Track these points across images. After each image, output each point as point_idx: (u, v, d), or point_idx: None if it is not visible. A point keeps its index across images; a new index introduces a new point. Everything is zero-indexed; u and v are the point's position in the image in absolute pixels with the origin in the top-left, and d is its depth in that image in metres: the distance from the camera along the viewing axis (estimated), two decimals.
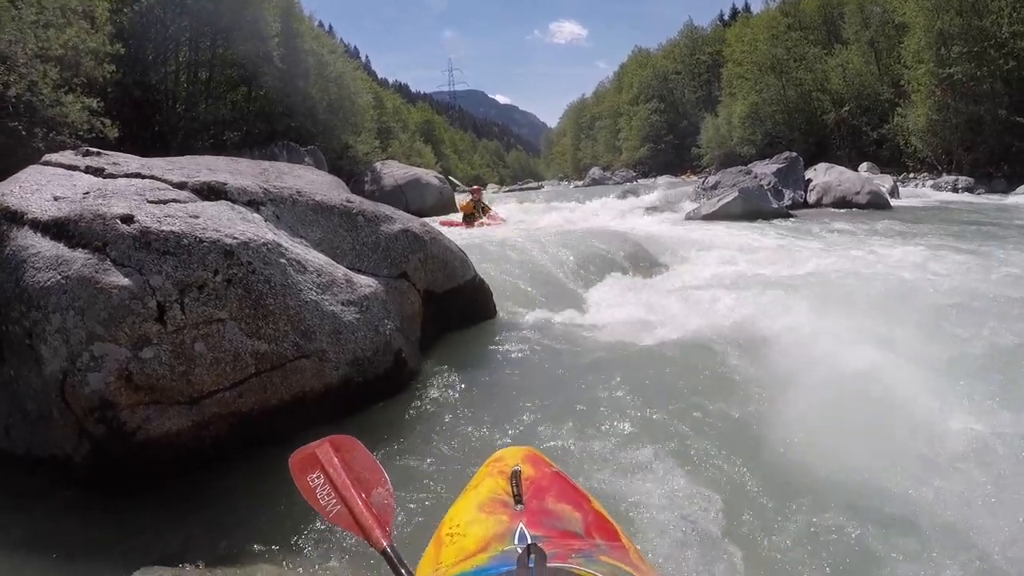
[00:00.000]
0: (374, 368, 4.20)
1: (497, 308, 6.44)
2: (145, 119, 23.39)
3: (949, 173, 31.80)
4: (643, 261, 9.57)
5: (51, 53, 16.56)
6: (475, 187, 8.17)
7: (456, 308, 5.73)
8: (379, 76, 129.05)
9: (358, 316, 4.13)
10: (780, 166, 21.86)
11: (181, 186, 4.12)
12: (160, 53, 24.50)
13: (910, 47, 34.77)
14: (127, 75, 21.68)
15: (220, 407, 3.52)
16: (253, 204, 4.29)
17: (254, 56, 25.66)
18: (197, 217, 3.70)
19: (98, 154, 4.58)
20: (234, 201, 4.18)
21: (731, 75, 55.58)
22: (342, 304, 4.07)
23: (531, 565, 1.30)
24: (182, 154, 11.64)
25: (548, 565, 1.32)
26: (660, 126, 71.41)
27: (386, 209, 5.31)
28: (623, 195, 23.71)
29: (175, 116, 24.43)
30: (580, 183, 58.34)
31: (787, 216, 17.77)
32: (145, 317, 3.30)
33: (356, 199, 5.08)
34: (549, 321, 6.28)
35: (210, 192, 4.16)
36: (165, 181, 4.14)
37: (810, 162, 24.11)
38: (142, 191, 3.87)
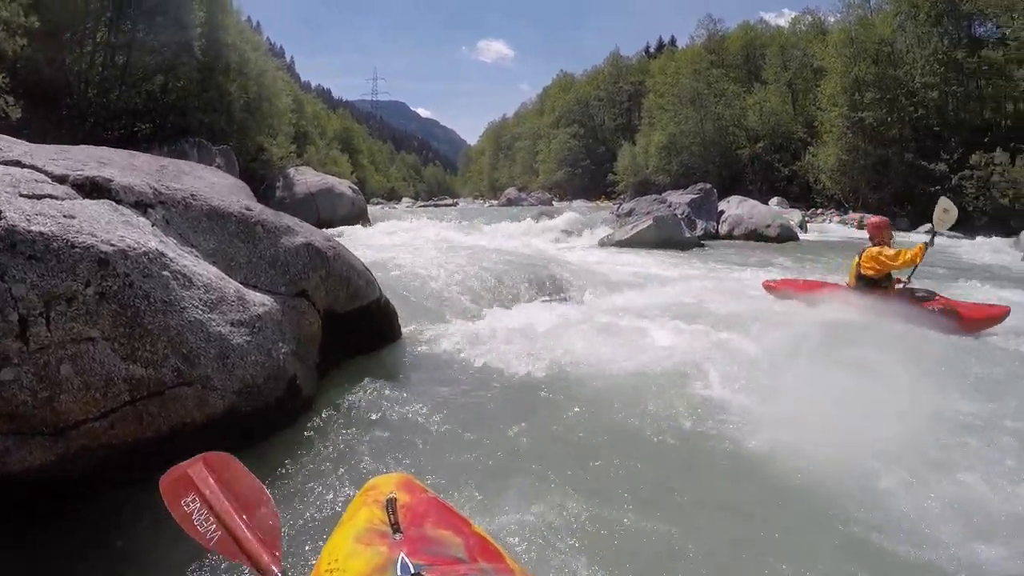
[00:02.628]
0: (265, 396, 3.83)
1: (402, 330, 6.15)
2: (54, 101, 22.02)
3: (855, 210, 33.43)
4: (553, 286, 9.41)
5: None
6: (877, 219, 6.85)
7: (359, 330, 5.39)
8: (302, 79, 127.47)
9: (248, 338, 3.74)
10: (694, 196, 22.35)
11: (62, 180, 3.68)
12: (77, 31, 23.05)
13: (826, 91, 36.63)
14: (39, 51, 20.44)
15: (89, 439, 3.08)
16: (140, 206, 3.88)
17: (174, 44, 24.44)
18: (72, 217, 3.24)
19: None
20: (119, 201, 3.76)
21: (652, 105, 56.95)
22: (231, 325, 3.67)
23: None
24: (88, 143, 10.92)
25: None
26: (578, 151, 72.06)
27: (289, 220, 4.93)
28: (537, 217, 23.71)
29: (86, 101, 23.14)
30: (495, 203, 58.36)
31: (699, 246, 18.26)
32: (5, 332, 2.83)
33: (257, 207, 4.68)
34: (453, 345, 6.06)
35: (93, 189, 3.74)
36: (46, 173, 3.68)
37: (724, 194, 24.97)
38: (17, 182, 3.39)
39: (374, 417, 4.21)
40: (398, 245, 12.26)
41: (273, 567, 1.56)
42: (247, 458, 3.53)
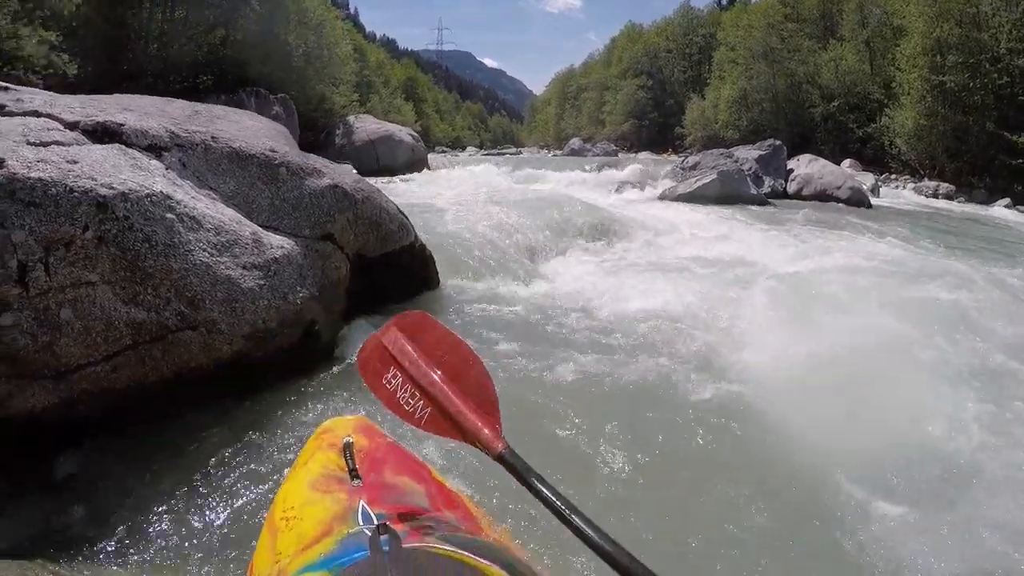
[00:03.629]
0: (278, 342, 3.75)
1: (440, 278, 6.00)
2: (114, 57, 22.34)
3: (931, 178, 32.01)
4: (604, 236, 9.25)
5: None
6: None
7: (392, 276, 5.24)
8: (367, 30, 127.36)
9: (262, 282, 3.63)
10: (763, 153, 21.68)
11: (73, 126, 3.58)
12: None
13: (905, 51, 34.87)
14: (96, 9, 20.72)
15: (90, 383, 3.04)
16: (154, 149, 3.76)
17: None
18: (75, 162, 3.17)
19: (4, 89, 4.03)
20: (129, 144, 3.65)
21: (722, 59, 55.31)
22: (243, 268, 3.56)
23: (385, 548, 1.25)
24: (151, 94, 10.94)
25: (403, 547, 1.26)
26: (646, 103, 70.59)
27: (316, 162, 4.78)
28: (599, 168, 23.30)
29: (146, 56, 23.33)
30: (560, 152, 57.50)
31: (764, 204, 17.66)
32: (4, 278, 2.80)
33: (282, 149, 4.51)
34: (494, 294, 5.96)
35: (104, 133, 3.63)
36: (59, 120, 3.60)
37: (793, 153, 23.95)
38: (28, 132, 3.33)
39: None
40: (451, 192, 12.12)
41: (496, 444, 1.42)
42: (257, 402, 3.51)
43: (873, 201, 21.21)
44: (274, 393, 3.67)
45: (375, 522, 1.42)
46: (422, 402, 1.57)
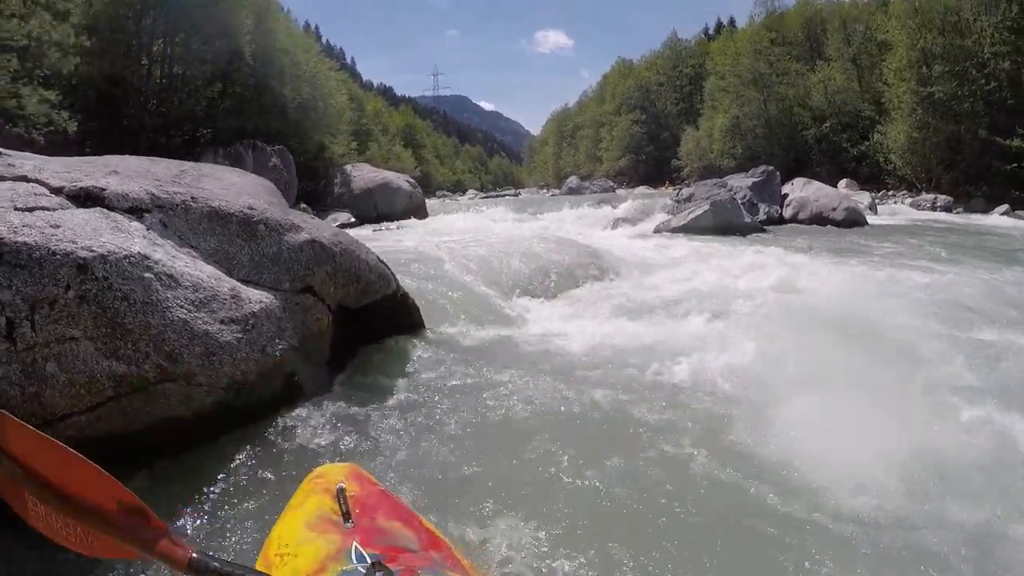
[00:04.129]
0: (258, 392, 3.89)
1: (427, 323, 6.13)
2: (114, 114, 22.82)
3: (928, 191, 32.14)
4: (596, 276, 9.32)
5: (12, 43, 16.17)
6: None
7: (375, 325, 5.41)
8: (364, 78, 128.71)
9: (240, 335, 3.78)
10: (756, 180, 21.64)
11: (58, 191, 3.78)
12: (132, 46, 23.88)
13: (892, 65, 35.27)
14: (95, 67, 21.21)
15: (76, 431, 3.19)
16: (135, 211, 3.94)
17: (226, 52, 25.14)
18: (58, 227, 3.36)
19: None
20: (111, 208, 3.84)
21: (713, 88, 55.98)
22: (221, 322, 3.72)
23: None
24: (148, 152, 11.22)
25: None
26: (641, 137, 71.36)
27: (295, 217, 4.93)
28: (597, 204, 23.57)
29: (145, 112, 23.85)
30: (558, 191, 57.93)
31: (760, 231, 17.73)
32: None
33: (261, 206, 4.67)
34: (479, 340, 6.01)
35: (87, 198, 3.82)
36: (46, 185, 3.80)
37: (790, 176, 24.05)
38: (16, 197, 3.53)
39: (373, 412, 4.17)
40: (444, 239, 12.27)
41: (178, 550, 1.39)
42: (230, 443, 3.65)
43: (870, 219, 21.30)
44: (251, 433, 3.79)
45: (368, 560, 1.50)
46: (70, 522, 1.51)
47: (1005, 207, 26.02)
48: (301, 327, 4.41)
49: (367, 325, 5.33)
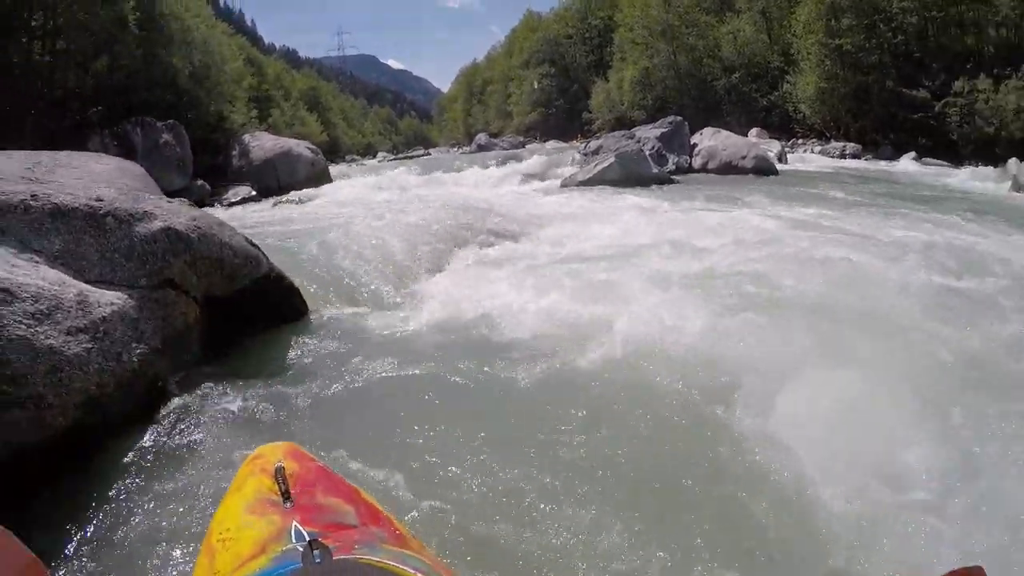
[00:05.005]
0: (118, 404, 3.59)
1: (312, 305, 5.85)
2: None
3: (837, 140, 33.01)
4: (498, 238, 9.12)
5: None
6: None
7: (253, 312, 5.10)
8: (265, 41, 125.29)
9: (89, 346, 3.46)
10: (665, 130, 21.77)
11: None
12: (7, 20, 22.05)
13: (801, 17, 35.96)
14: None
15: None
16: None
17: (109, 21, 23.45)
18: None
19: None
20: None
21: (623, 40, 55.74)
22: (67, 334, 3.39)
23: (317, 561, 1.31)
24: (36, 136, 10.46)
25: (334, 558, 1.34)
26: (550, 91, 70.67)
27: (150, 205, 4.55)
28: (504, 161, 23.33)
29: (33, 91, 22.08)
30: (468, 149, 57.29)
31: (668, 182, 17.69)
32: None
33: (110, 196, 4.31)
34: (369, 319, 5.73)
35: None
36: None
37: (700, 127, 24.18)
38: None
39: (250, 407, 3.93)
40: (343, 208, 11.86)
41: None
42: (107, 452, 3.41)
43: (780, 167, 21.51)
44: (124, 441, 3.54)
45: (307, 539, 1.47)
46: None
47: (912, 154, 27.01)
48: (163, 326, 4.11)
49: (244, 314, 5.03)
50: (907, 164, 24.43)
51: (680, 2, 49.75)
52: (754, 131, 33.70)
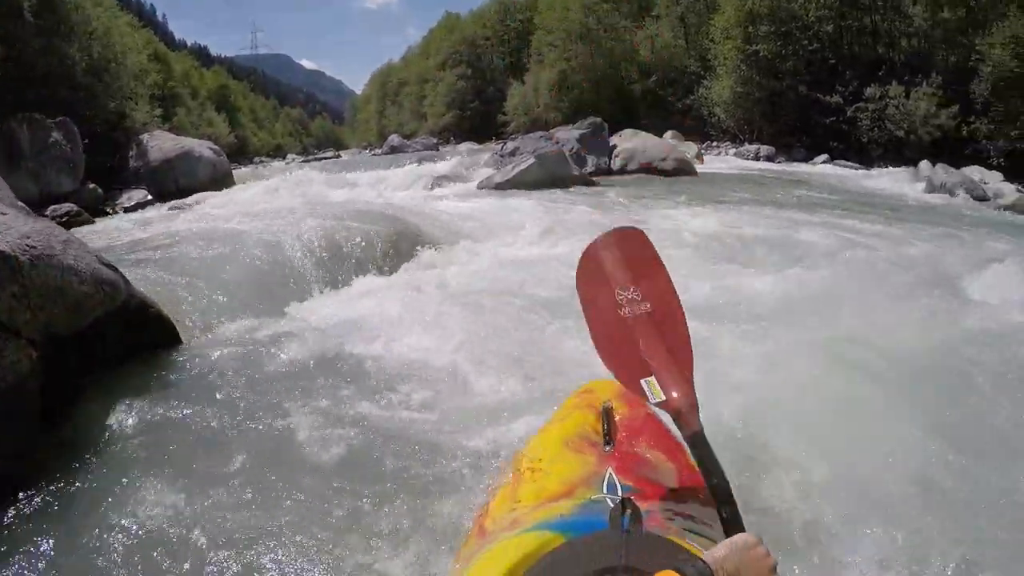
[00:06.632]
0: None
1: (183, 337, 4.95)
2: None
3: (751, 142, 34.74)
4: (405, 249, 8.28)
5: None
6: None
7: (104, 349, 4.18)
8: (177, 37, 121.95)
9: None
10: (583, 132, 21.66)
11: None
12: None
13: (719, 24, 37.54)
14: None
15: None
16: None
17: (4, 7, 21.69)
18: None
19: None
20: None
21: (541, 43, 56.67)
22: None
23: (626, 528, 1.26)
24: None
25: (644, 531, 1.27)
26: (467, 92, 70.49)
27: None
28: (418, 162, 22.70)
29: None
30: (380, 151, 56.18)
31: (589, 183, 17.55)
32: None
33: None
34: (247, 350, 4.81)
35: None
36: None
37: (617, 129, 24.36)
38: None
39: (106, 469, 3.25)
40: (238, 213, 10.88)
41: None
42: None
43: (699, 168, 22.19)
44: None
45: (619, 494, 1.44)
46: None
47: (825, 156, 29.16)
48: None
49: (93, 354, 4.09)
50: (822, 167, 26.09)
51: (600, 6, 50.75)
52: (669, 134, 34.86)
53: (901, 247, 8.01)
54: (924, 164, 21.15)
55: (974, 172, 21.02)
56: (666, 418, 1.80)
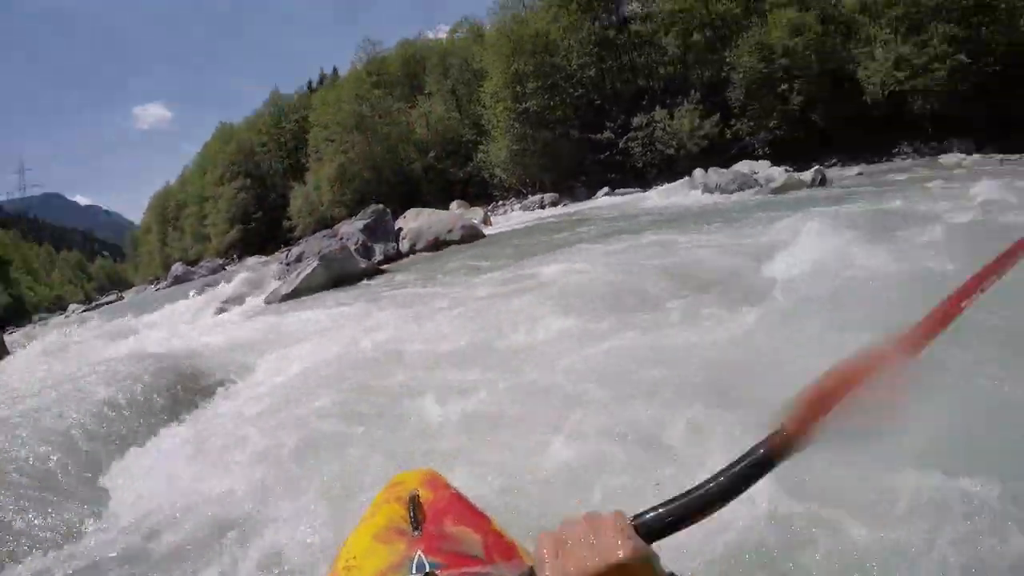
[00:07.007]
0: None
1: None
2: None
3: (533, 193, 37.00)
4: (190, 391, 7.40)
5: None
6: None
7: None
8: None
9: None
10: (367, 221, 21.80)
11: None
12: None
13: (489, 89, 39.02)
14: None
15: None
16: None
17: None
18: None
19: None
20: None
21: (317, 139, 57.20)
22: None
23: None
24: None
25: None
26: (249, 204, 69.53)
27: None
28: (201, 290, 22.17)
29: None
30: (164, 284, 53.66)
31: (377, 273, 17.69)
32: None
33: None
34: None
35: None
36: None
37: (403, 210, 25.01)
38: None
39: None
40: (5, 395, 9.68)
41: None
42: None
43: (487, 231, 23.22)
44: None
45: (426, 570, 1.46)
46: None
47: (605, 189, 31.86)
48: None
49: None
50: (603, 199, 28.22)
51: (372, 93, 51.86)
52: (454, 204, 36.56)
53: (672, 248, 8.87)
54: (697, 172, 23.28)
55: (743, 166, 23.12)
56: (470, 494, 2.01)
